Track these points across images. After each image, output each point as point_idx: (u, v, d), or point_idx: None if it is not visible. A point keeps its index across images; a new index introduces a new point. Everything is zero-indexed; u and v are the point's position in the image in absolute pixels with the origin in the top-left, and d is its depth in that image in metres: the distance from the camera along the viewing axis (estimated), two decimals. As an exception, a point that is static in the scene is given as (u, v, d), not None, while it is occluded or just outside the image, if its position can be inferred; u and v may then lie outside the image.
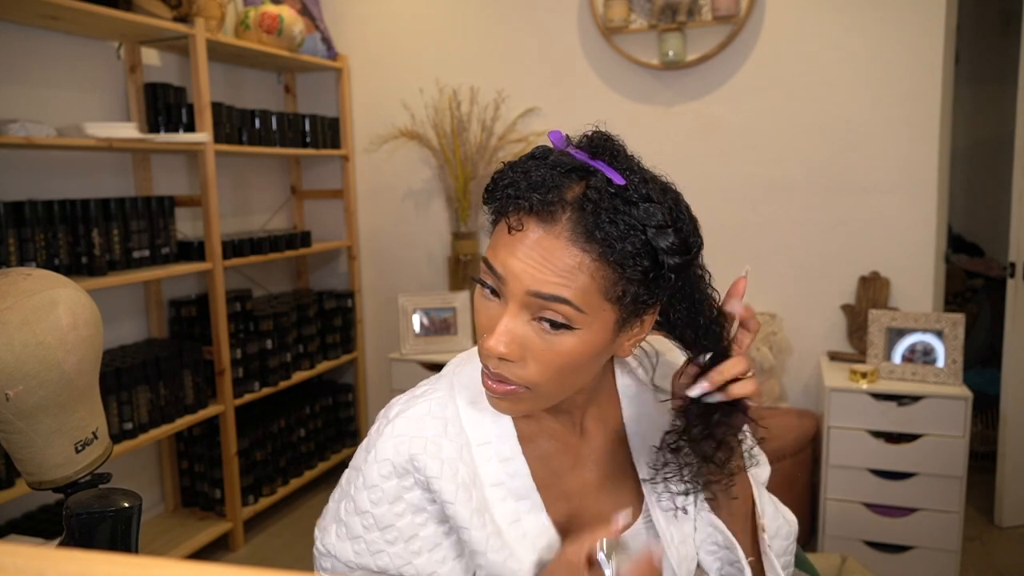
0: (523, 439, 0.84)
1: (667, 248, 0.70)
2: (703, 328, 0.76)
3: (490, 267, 0.73)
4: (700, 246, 0.74)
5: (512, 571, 0.79)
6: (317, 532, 0.86)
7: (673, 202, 0.72)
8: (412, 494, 0.80)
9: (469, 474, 0.80)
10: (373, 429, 0.85)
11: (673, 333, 0.80)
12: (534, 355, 0.72)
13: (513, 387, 0.74)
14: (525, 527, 0.81)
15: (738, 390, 0.75)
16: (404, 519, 0.80)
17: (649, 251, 0.69)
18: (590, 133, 0.75)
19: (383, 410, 0.87)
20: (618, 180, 0.69)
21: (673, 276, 0.72)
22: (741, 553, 0.85)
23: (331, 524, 0.85)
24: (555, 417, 0.85)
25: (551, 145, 0.76)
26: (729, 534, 0.85)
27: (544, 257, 0.69)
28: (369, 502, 0.81)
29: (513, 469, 0.82)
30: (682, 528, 0.86)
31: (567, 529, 0.83)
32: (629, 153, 0.74)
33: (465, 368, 0.86)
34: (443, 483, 0.78)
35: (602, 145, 0.73)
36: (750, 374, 0.76)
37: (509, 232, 0.71)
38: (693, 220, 0.74)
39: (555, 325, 0.70)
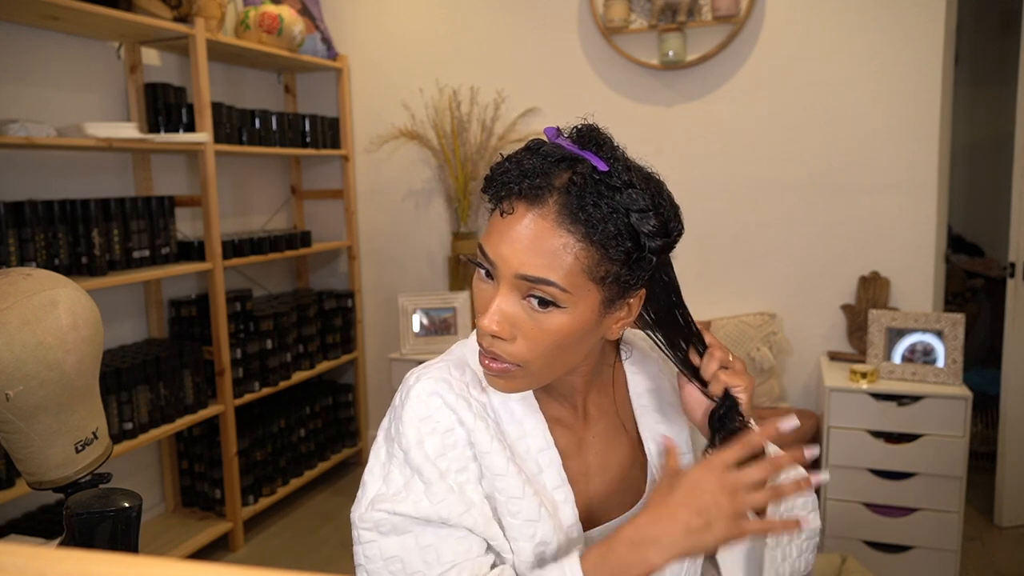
0: None
1: (648, 231, 0.75)
2: (682, 324, 0.84)
3: (483, 252, 0.78)
4: (680, 231, 0.80)
5: (543, 516, 0.83)
6: (353, 513, 0.84)
7: (655, 189, 0.78)
8: (454, 437, 0.82)
9: (496, 428, 0.85)
10: (396, 399, 0.85)
11: (655, 330, 0.86)
12: (524, 333, 0.77)
13: (506, 365, 0.78)
14: (545, 479, 0.85)
15: (725, 378, 0.82)
16: (447, 459, 0.81)
17: (631, 234, 0.75)
18: (580, 126, 0.80)
19: (400, 387, 0.87)
20: (602, 167, 0.74)
21: (654, 258, 0.77)
22: None
23: (366, 494, 0.83)
24: (558, 403, 0.89)
25: (545, 138, 0.81)
26: None
27: (532, 240, 0.74)
28: (414, 449, 0.81)
29: (532, 424, 0.86)
30: None
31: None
32: (615, 144, 0.79)
33: (471, 342, 0.90)
34: (479, 435, 0.82)
35: (589, 136, 0.78)
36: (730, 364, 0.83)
37: (502, 216, 0.76)
38: (675, 207, 0.80)
39: (543, 303, 0.75)
